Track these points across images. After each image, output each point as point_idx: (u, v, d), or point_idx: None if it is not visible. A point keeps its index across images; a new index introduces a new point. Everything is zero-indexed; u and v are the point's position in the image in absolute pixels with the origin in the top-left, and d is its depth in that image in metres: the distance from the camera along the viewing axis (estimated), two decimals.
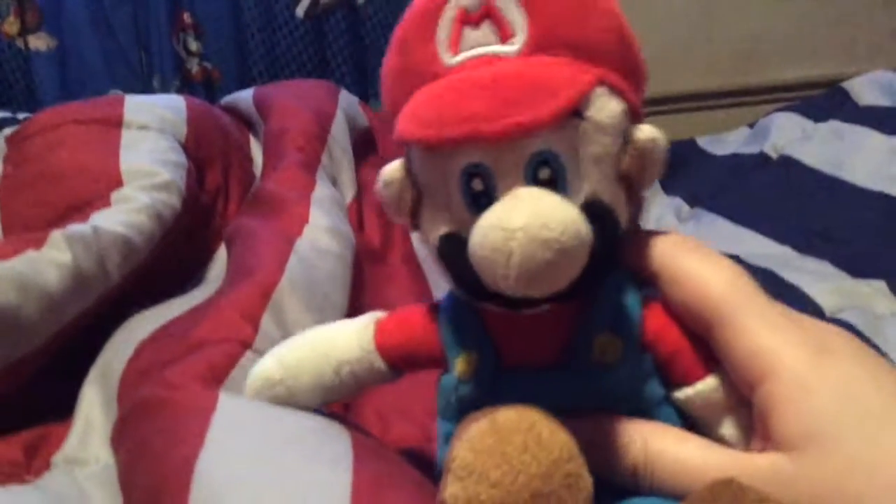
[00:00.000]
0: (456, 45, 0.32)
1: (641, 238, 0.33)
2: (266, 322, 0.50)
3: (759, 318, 0.30)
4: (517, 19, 0.31)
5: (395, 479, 0.33)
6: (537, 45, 0.31)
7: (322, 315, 0.54)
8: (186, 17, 1.56)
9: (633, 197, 0.32)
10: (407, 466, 0.36)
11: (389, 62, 0.35)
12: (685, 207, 0.95)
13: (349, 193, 0.88)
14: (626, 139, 0.31)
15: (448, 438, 0.33)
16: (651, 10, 1.65)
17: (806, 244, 0.74)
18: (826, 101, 1.05)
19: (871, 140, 0.87)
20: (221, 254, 0.71)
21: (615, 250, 0.32)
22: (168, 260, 0.64)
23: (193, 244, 0.72)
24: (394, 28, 0.35)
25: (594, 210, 0.30)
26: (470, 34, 0.31)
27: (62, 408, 0.51)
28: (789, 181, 0.89)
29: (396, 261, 0.82)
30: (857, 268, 0.67)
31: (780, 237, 0.77)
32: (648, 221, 0.96)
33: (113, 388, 0.50)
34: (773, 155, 0.98)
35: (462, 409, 0.33)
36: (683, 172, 1.05)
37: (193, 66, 1.59)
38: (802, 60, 1.64)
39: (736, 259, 0.67)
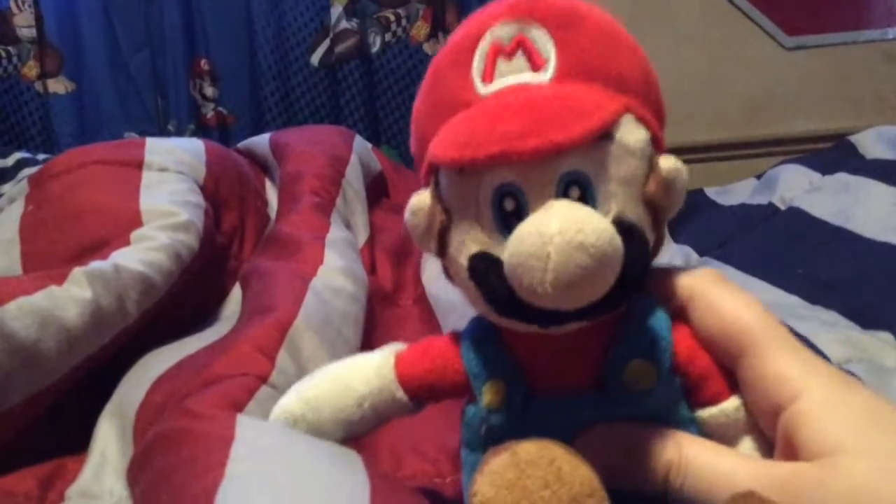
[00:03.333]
0: (490, 74, 0.33)
1: (669, 270, 0.35)
2: (282, 357, 0.51)
3: (788, 349, 0.31)
4: (548, 50, 0.32)
5: None
6: (567, 74, 0.32)
7: (336, 351, 0.55)
8: (203, 63, 1.60)
9: (657, 225, 0.33)
10: (421, 501, 0.37)
11: (424, 92, 0.36)
12: (694, 256, 0.96)
13: (362, 236, 0.89)
14: (652, 166, 0.32)
15: (474, 469, 0.33)
16: (660, 62, 1.66)
17: (814, 294, 0.74)
18: (833, 154, 1.07)
19: (877, 192, 0.88)
20: (236, 294, 0.72)
21: (644, 272, 0.32)
22: (184, 299, 0.65)
23: (209, 284, 0.73)
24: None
25: (623, 228, 0.30)
26: (503, 65, 0.33)
27: (77, 442, 0.52)
28: (797, 232, 0.89)
29: (408, 303, 0.83)
30: (865, 319, 0.67)
31: (789, 287, 0.78)
32: None
33: (129, 423, 0.50)
34: (782, 206, 0.99)
35: (491, 439, 0.33)
36: (692, 221, 1.06)
37: (209, 111, 1.61)
38: (809, 114, 1.66)
39: None
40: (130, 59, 1.60)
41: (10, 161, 1.09)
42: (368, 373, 0.37)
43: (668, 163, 0.32)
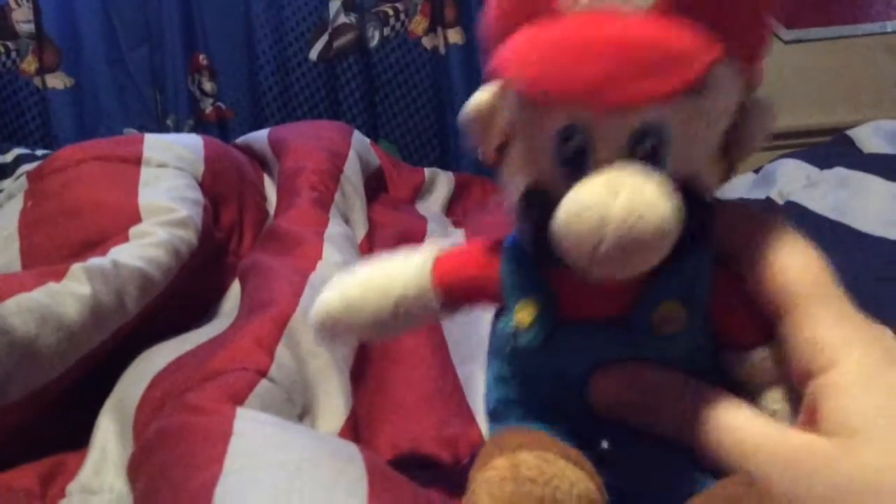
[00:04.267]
0: None
1: (732, 211, 0.33)
2: (281, 351, 0.51)
3: (833, 314, 0.30)
4: None
5: None
6: (671, 5, 0.28)
7: (336, 345, 0.55)
8: (202, 58, 1.59)
9: (731, 165, 0.31)
10: (420, 493, 0.37)
11: None
12: None
13: (361, 232, 0.89)
14: (740, 113, 0.30)
15: (497, 380, 0.34)
16: None
17: None
18: (831, 149, 1.07)
19: (875, 187, 0.88)
20: (235, 289, 0.72)
21: (702, 234, 0.30)
22: (183, 294, 0.65)
23: (208, 279, 0.73)
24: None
25: (690, 190, 0.28)
26: None
27: (78, 438, 0.52)
28: (795, 226, 0.89)
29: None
30: (863, 311, 0.67)
31: None
32: None
33: (128, 418, 0.50)
34: (780, 201, 0.99)
35: (516, 357, 0.33)
36: None
37: (207, 106, 1.61)
38: (808, 108, 1.66)
39: None
40: (129, 54, 1.60)
41: (8, 157, 1.10)
42: (407, 277, 0.36)
43: (759, 104, 0.30)
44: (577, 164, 0.29)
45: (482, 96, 0.32)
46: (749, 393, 0.32)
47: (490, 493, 0.27)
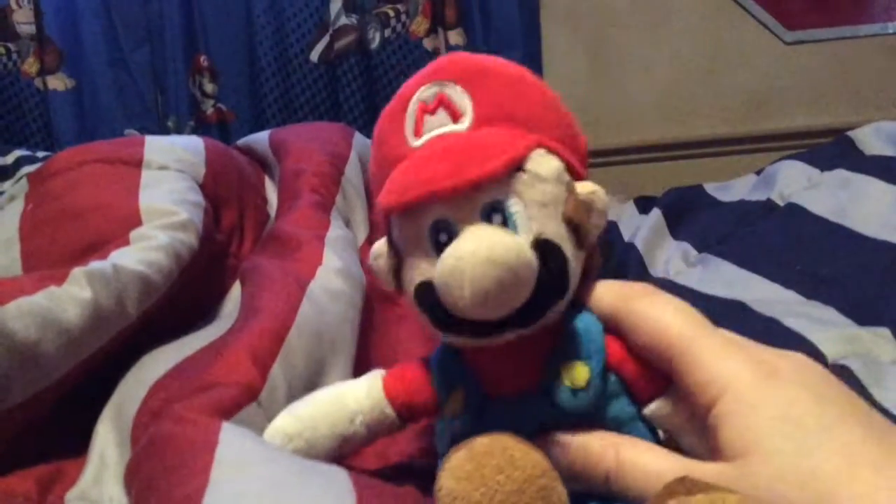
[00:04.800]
0: (419, 130, 0.39)
1: (603, 285, 0.39)
2: (275, 373, 0.51)
3: (709, 351, 0.34)
4: (464, 103, 0.38)
5: None
6: (482, 121, 0.38)
7: (332, 359, 0.55)
8: (203, 59, 1.60)
9: (581, 242, 0.37)
10: (407, 502, 0.37)
11: (372, 154, 0.42)
12: (692, 252, 0.96)
13: (362, 234, 0.89)
14: (569, 191, 0.37)
15: None
16: (660, 59, 1.68)
17: (811, 290, 0.74)
18: (832, 150, 1.06)
19: (876, 189, 0.87)
20: (235, 291, 0.72)
21: (563, 284, 0.36)
22: (184, 297, 0.65)
23: (209, 282, 0.73)
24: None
25: (541, 245, 0.35)
26: (429, 120, 0.39)
27: (77, 443, 0.52)
28: (795, 228, 0.89)
29: (407, 302, 0.83)
30: (863, 315, 0.67)
31: (786, 283, 0.78)
32: (657, 265, 0.97)
33: (126, 426, 0.50)
34: (780, 202, 0.98)
35: (455, 444, 0.36)
36: (691, 218, 1.06)
37: (208, 107, 1.61)
38: (809, 109, 1.66)
39: (741, 305, 0.67)
40: (130, 55, 1.61)
41: (9, 159, 1.10)
42: (359, 393, 0.42)
43: (584, 188, 0.38)
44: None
45: (379, 244, 0.40)
46: (676, 438, 0.37)
47: (453, 476, 0.31)
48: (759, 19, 1.65)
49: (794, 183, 1.01)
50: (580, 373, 0.37)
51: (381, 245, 0.40)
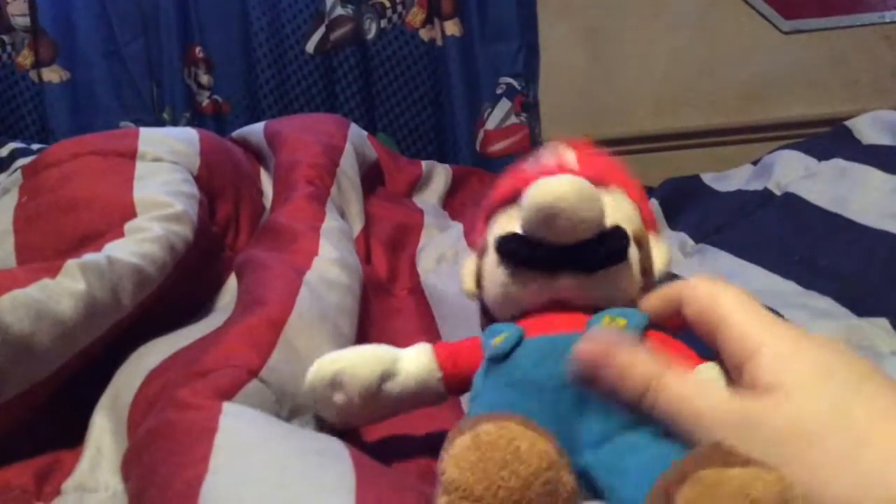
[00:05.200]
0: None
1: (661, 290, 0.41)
2: (276, 355, 0.51)
3: (750, 314, 0.36)
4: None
5: (396, 502, 0.34)
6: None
7: (332, 347, 0.55)
8: (198, 51, 1.59)
9: (643, 266, 0.43)
10: (408, 487, 0.37)
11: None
12: (690, 242, 0.95)
13: (357, 226, 0.89)
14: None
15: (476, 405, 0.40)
16: (657, 49, 1.67)
17: (809, 280, 0.74)
18: (829, 140, 1.06)
19: (873, 179, 0.87)
20: (231, 283, 0.72)
21: (624, 245, 0.40)
22: (179, 289, 0.65)
23: (204, 274, 0.73)
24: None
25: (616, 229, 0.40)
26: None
27: (73, 435, 0.52)
28: (792, 218, 0.89)
29: (403, 293, 0.83)
30: (861, 305, 0.67)
31: (784, 273, 0.78)
32: None
33: (122, 416, 0.50)
34: (777, 192, 0.98)
35: (491, 371, 0.39)
36: (688, 208, 1.05)
37: (204, 99, 1.61)
38: (807, 98, 1.66)
39: None
40: (125, 47, 1.60)
41: (4, 151, 1.09)
42: (410, 353, 0.44)
43: (657, 255, 0.44)
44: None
45: (469, 264, 0.46)
46: None
47: (457, 466, 0.30)
48: (757, 9, 1.64)
49: (792, 173, 1.01)
50: (617, 322, 0.39)
51: (471, 263, 0.45)
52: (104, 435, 0.50)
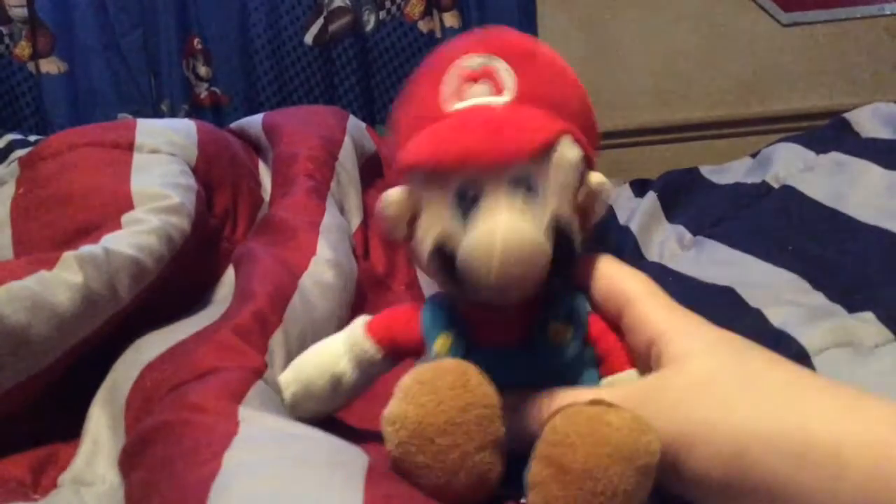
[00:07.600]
0: (459, 96, 0.40)
1: (583, 259, 0.43)
2: (274, 355, 0.51)
3: (657, 301, 0.39)
4: (508, 79, 0.40)
5: (404, 500, 0.34)
6: (522, 99, 0.40)
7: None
8: (196, 42, 1.59)
9: (584, 225, 0.41)
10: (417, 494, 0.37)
11: (401, 106, 0.44)
12: (687, 235, 0.95)
13: (356, 220, 0.88)
14: (582, 181, 0.40)
15: None
16: (656, 41, 1.67)
17: (804, 274, 0.74)
18: (828, 133, 1.06)
19: (871, 174, 0.87)
20: (229, 276, 0.72)
21: (570, 264, 0.40)
22: (177, 282, 0.65)
23: (201, 266, 0.73)
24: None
25: (557, 225, 0.38)
26: (471, 88, 0.40)
27: (70, 427, 0.52)
28: (790, 211, 0.89)
29: (401, 288, 0.83)
30: (850, 299, 0.67)
31: (780, 265, 0.78)
32: (652, 248, 0.97)
33: (119, 409, 0.50)
34: (775, 185, 0.98)
35: None
36: (686, 200, 1.05)
37: (202, 90, 1.60)
38: (806, 91, 1.66)
39: (732, 293, 0.67)
40: (123, 38, 1.59)
41: (1, 143, 1.09)
42: (342, 336, 0.45)
43: (596, 178, 0.40)
44: (472, 210, 0.37)
45: (394, 191, 0.41)
46: None
47: (413, 379, 0.36)
48: (756, 1, 1.64)
49: (790, 166, 1.01)
50: (564, 333, 0.40)
51: (397, 193, 0.41)
52: (101, 428, 0.50)
